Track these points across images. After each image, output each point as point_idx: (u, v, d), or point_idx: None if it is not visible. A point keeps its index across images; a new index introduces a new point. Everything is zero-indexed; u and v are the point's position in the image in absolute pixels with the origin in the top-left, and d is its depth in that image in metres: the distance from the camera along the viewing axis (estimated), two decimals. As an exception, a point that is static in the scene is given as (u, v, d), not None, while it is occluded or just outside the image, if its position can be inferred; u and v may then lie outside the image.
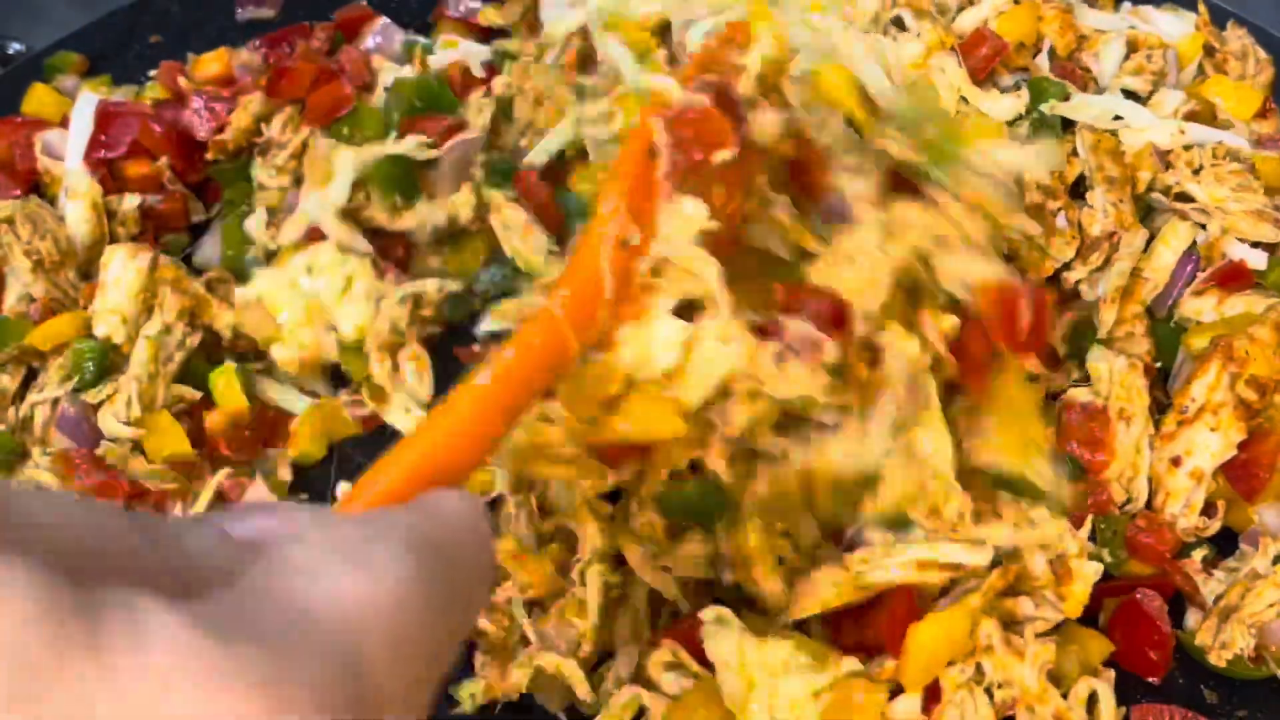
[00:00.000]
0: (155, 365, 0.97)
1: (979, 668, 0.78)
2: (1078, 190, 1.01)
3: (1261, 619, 0.82)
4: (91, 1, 1.28)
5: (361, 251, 1.02)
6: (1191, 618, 0.86)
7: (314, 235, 1.03)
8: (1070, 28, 1.07)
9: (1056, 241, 0.95)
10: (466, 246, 1.05)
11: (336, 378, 1.02)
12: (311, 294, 1.00)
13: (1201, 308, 0.94)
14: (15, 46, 1.30)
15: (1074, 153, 1.01)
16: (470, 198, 1.03)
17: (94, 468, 0.92)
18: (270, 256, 1.05)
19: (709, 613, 0.78)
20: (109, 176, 1.12)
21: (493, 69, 1.15)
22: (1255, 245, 0.95)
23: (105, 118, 1.13)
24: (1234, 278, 0.94)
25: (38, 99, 1.19)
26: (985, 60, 1.05)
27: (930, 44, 1.03)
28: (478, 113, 1.08)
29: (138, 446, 0.94)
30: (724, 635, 0.77)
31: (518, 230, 1.02)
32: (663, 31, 1.08)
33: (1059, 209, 0.96)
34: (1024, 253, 0.96)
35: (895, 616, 0.77)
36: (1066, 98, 1.03)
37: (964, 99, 1.03)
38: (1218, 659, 0.82)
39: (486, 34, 1.21)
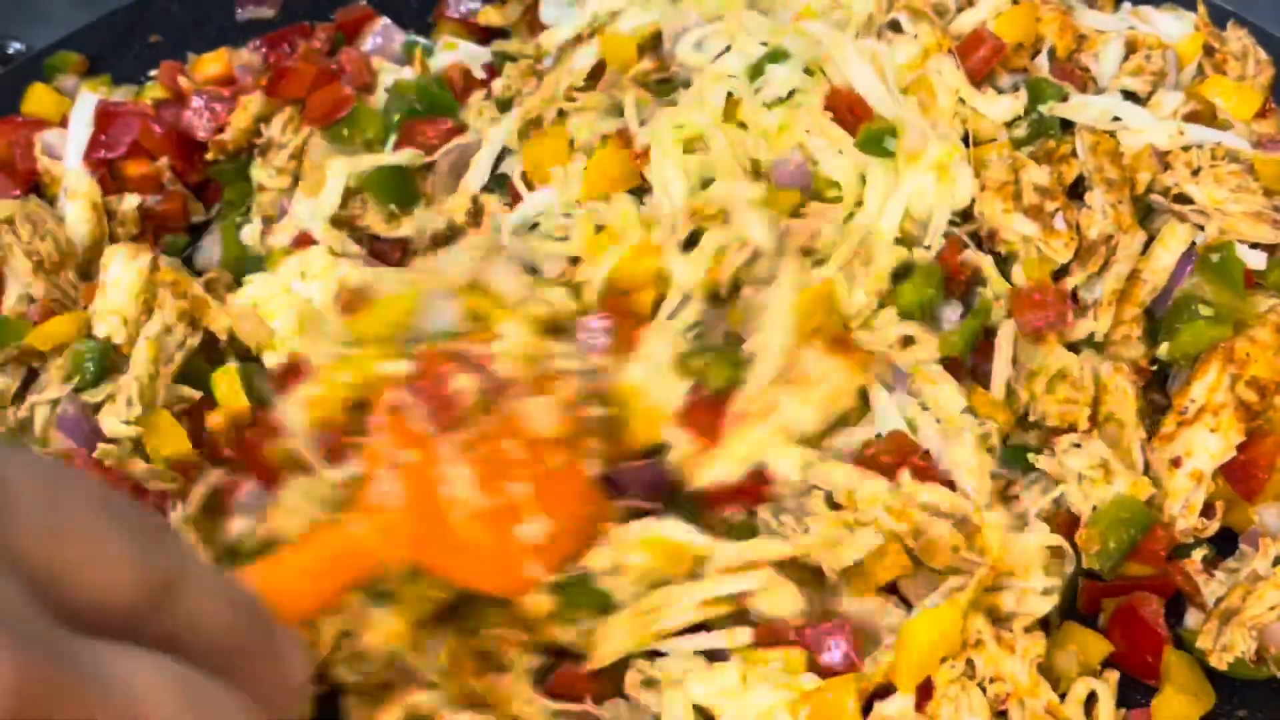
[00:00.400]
0: (156, 365, 0.96)
1: (970, 663, 0.78)
2: (1076, 191, 1.00)
3: (1262, 621, 0.82)
4: (91, 1, 1.28)
5: (353, 255, 1.02)
6: (1191, 618, 0.86)
7: (304, 240, 1.04)
8: (1069, 28, 1.07)
9: (1054, 243, 0.95)
10: (463, 249, 1.05)
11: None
12: (304, 299, 1.00)
13: (1200, 309, 0.94)
14: (15, 46, 1.30)
15: (1073, 153, 1.01)
16: (465, 202, 1.03)
17: (94, 468, 0.92)
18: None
19: (631, 679, 0.79)
20: (109, 177, 1.12)
21: (493, 70, 1.14)
22: (1254, 246, 0.95)
23: (105, 118, 1.13)
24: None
25: (37, 99, 1.19)
26: (983, 62, 1.04)
27: (928, 46, 1.02)
28: (478, 115, 1.08)
29: (138, 447, 0.94)
30: (663, 689, 0.78)
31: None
32: (654, 43, 1.07)
33: (1057, 210, 0.96)
34: (1022, 255, 0.96)
35: None
36: (1065, 99, 1.02)
37: (962, 101, 1.02)
38: (1219, 661, 0.82)
39: (487, 34, 1.21)
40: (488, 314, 0.92)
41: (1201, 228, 0.96)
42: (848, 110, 0.99)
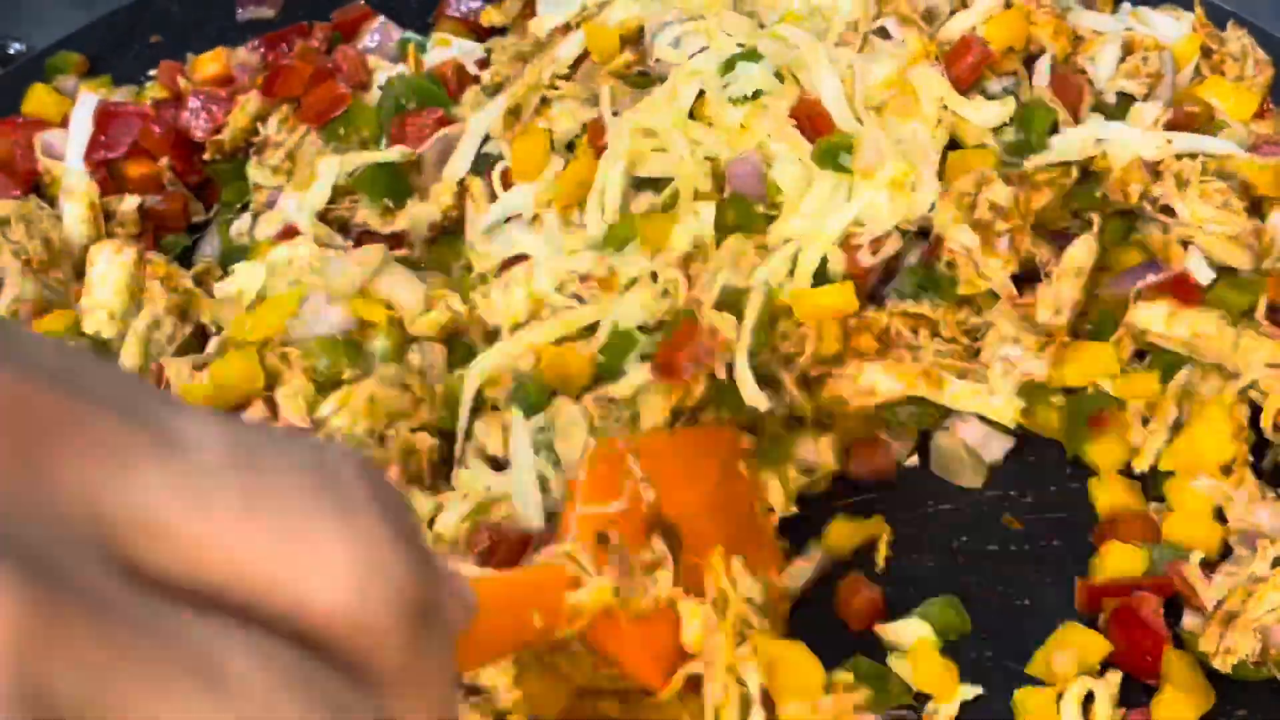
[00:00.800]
0: (145, 360, 0.96)
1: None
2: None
3: (1263, 623, 0.81)
4: (91, 1, 1.28)
5: (339, 245, 1.02)
6: (1189, 619, 0.85)
7: (289, 233, 1.03)
8: (1064, 32, 1.06)
9: (991, 262, 0.93)
10: (458, 239, 1.04)
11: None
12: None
13: (1152, 318, 0.92)
14: (15, 46, 1.31)
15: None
16: (451, 187, 1.03)
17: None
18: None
19: None
20: (109, 177, 1.12)
21: (486, 65, 1.14)
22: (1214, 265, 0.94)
23: (105, 118, 1.13)
24: (1189, 290, 0.92)
25: (38, 99, 1.19)
26: (971, 69, 1.02)
27: (914, 54, 1.01)
28: (473, 109, 1.08)
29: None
30: None
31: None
32: (637, 36, 1.07)
33: (1007, 231, 0.93)
34: (962, 267, 0.94)
35: None
36: (1054, 125, 1.01)
37: (946, 107, 1.01)
38: (1222, 664, 0.81)
39: (487, 34, 1.21)
40: (377, 320, 0.92)
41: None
42: (808, 119, 0.97)
